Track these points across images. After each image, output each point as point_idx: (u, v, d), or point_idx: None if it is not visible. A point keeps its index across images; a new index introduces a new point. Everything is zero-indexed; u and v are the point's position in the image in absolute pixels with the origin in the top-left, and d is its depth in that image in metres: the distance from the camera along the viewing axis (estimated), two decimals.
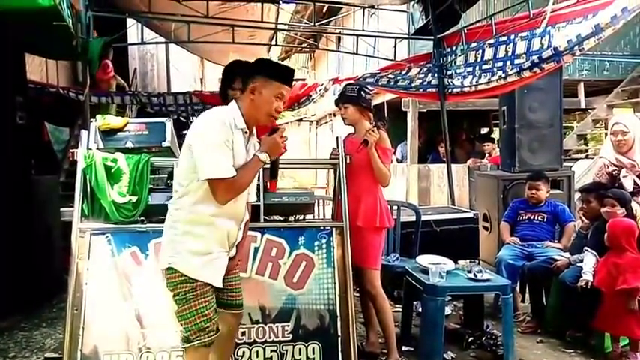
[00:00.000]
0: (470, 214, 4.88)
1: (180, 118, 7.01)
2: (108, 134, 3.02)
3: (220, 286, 2.20)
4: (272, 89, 2.12)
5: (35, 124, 5.44)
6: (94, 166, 2.76)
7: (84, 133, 2.90)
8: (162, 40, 7.24)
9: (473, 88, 5.02)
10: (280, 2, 6.02)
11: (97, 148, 2.86)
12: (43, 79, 6.49)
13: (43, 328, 3.91)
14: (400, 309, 3.80)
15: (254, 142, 2.26)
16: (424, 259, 3.42)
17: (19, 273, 4.16)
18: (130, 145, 3.00)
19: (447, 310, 3.90)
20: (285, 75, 2.19)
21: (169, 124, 3.11)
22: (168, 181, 2.88)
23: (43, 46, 4.60)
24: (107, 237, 2.73)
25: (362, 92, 3.24)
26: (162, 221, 2.71)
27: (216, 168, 2.04)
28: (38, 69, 6.46)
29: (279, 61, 6.73)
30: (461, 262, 3.45)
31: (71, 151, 2.99)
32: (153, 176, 3.00)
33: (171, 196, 2.72)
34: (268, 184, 2.56)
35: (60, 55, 5.67)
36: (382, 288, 3.21)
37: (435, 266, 3.22)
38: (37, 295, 4.32)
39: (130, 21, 6.34)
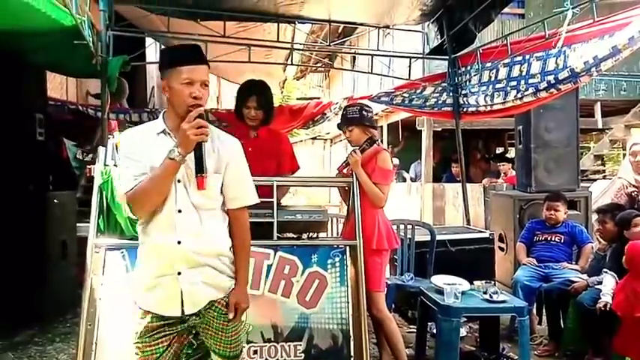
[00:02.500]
0: (485, 234, 4.82)
1: None
2: None
3: (165, 313, 1.88)
4: (177, 77, 1.83)
5: (54, 141, 5.55)
6: (111, 182, 2.79)
7: (101, 149, 2.94)
8: None
9: (488, 108, 5.00)
10: (296, 22, 6.09)
11: (114, 165, 2.90)
12: (62, 97, 6.63)
13: (56, 343, 3.92)
14: (414, 330, 3.75)
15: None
16: (439, 280, 3.38)
17: (34, 287, 4.19)
18: None
19: (463, 331, 3.83)
20: (181, 56, 1.88)
21: None
22: None
23: (63, 65, 4.70)
24: (122, 252, 2.75)
25: (364, 112, 3.25)
26: None
27: (121, 182, 1.93)
28: (58, 86, 6.61)
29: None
30: (476, 282, 3.40)
31: (88, 167, 3.04)
32: None
33: None
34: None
35: (80, 74, 5.78)
36: (396, 308, 3.17)
37: (450, 287, 3.18)
38: (51, 310, 4.35)
39: (149, 40, 6.47)
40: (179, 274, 1.87)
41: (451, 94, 5.69)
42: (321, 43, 7.64)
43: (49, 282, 4.36)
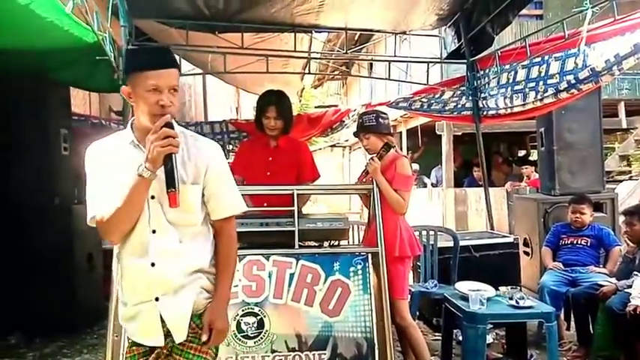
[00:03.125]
0: (510, 239, 4.75)
1: None
2: None
3: (147, 343, 1.74)
4: (142, 83, 1.62)
5: (79, 155, 5.66)
6: None
7: None
8: (199, 71, 7.46)
9: (508, 111, 4.95)
10: (313, 32, 6.13)
11: None
12: (86, 112, 6.77)
13: (84, 354, 3.98)
14: (439, 338, 3.71)
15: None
16: (463, 286, 3.34)
17: (62, 300, 4.27)
18: None
19: (489, 338, 3.77)
20: (147, 59, 1.69)
21: None
22: None
23: (86, 81, 4.81)
24: None
25: (380, 119, 3.24)
26: None
27: (88, 205, 1.69)
28: (82, 102, 6.75)
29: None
30: (501, 288, 3.35)
31: None
32: None
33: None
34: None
35: (102, 89, 5.90)
36: (420, 316, 3.15)
37: (475, 293, 3.14)
38: (79, 321, 4.42)
39: None
40: (157, 299, 1.69)
41: (470, 97, 5.64)
42: (337, 51, 7.67)
43: (77, 294, 4.44)
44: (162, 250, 1.69)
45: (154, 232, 1.69)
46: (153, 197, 1.68)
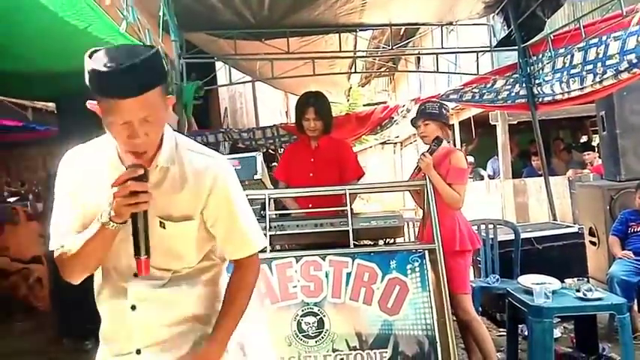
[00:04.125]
0: (574, 229, 4.57)
1: (269, 150, 7.30)
2: None
3: None
4: (108, 111, 1.23)
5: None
6: None
7: None
8: (249, 78, 7.62)
9: (565, 96, 4.76)
10: (357, 30, 6.13)
11: None
12: None
13: None
14: (504, 333, 3.62)
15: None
16: (527, 280, 3.24)
17: None
18: None
19: (557, 332, 3.65)
20: (105, 83, 1.20)
21: (260, 158, 3.26)
22: (262, 212, 2.99)
23: None
24: None
25: (443, 109, 3.24)
26: (260, 250, 2.85)
27: (51, 234, 1.38)
28: None
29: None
30: (567, 280, 3.23)
31: None
32: None
33: (266, 227, 2.86)
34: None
35: None
36: (483, 311, 3.09)
37: (540, 286, 3.04)
38: None
39: (219, 64, 6.76)
40: (138, 352, 1.39)
41: (524, 84, 5.46)
42: (383, 47, 7.62)
43: None
44: (144, 293, 1.36)
45: (135, 275, 1.36)
46: None
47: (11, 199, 7.59)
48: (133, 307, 1.37)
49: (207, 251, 1.44)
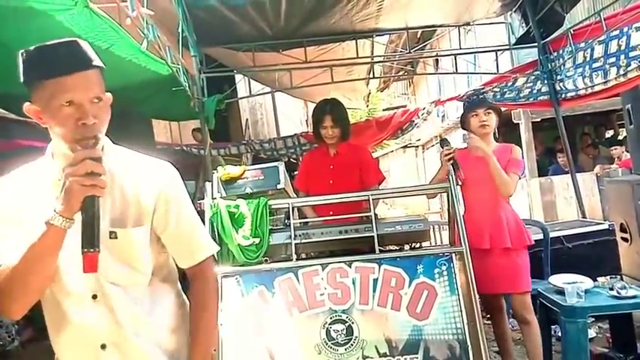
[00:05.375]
0: (604, 226, 4.46)
1: (291, 159, 7.34)
2: (228, 183, 3.24)
3: None
4: (48, 98, 1.17)
5: None
6: (220, 213, 2.97)
7: (208, 184, 3.15)
8: (268, 89, 7.69)
9: (589, 90, 4.67)
10: (374, 36, 6.14)
11: (221, 197, 3.09)
12: (168, 140, 7.20)
13: None
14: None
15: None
16: (558, 279, 3.17)
17: None
18: (249, 190, 3.19)
19: (591, 332, 3.56)
20: (45, 63, 1.15)
21: (282, 167, 3.28)
22: (286, 221, 3.01)
23: (166, 111, 5.13)
24: (236, 278, 2.89)
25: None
26: (285, 259, 2.88)
27: None
28: (163, 130, 7.19)
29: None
30: (600, 279, 3.15)
31: (198, 202, 3.25)
32: (272, 217, 3.15)
33: (290, 236, 2.88)
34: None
35: (180, 117, 6.26)
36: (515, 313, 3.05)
37: (571, 286, 2.98)
38: None
39: (238, 76, 6.85)
40: None
41: (546, 81, 5.40)
42: (400, 51, 7.61)
43: None
44: (111, 325, 1.28)
45: (94, 297, 1.27)
46: None
47: None
48: (103, 346, 1.29)
49: (160, 266, 1.38)
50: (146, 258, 1.33)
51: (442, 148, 3.02)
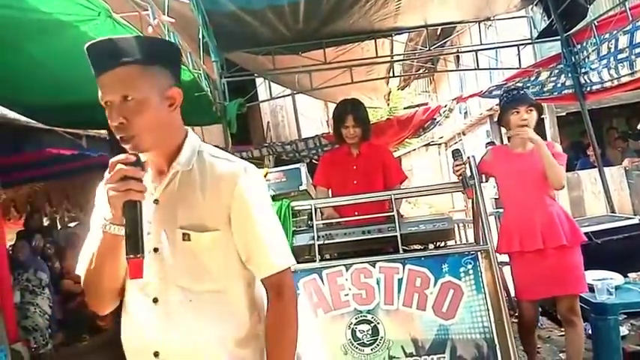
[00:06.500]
0: (635, 220, 4.35)
1: (313, 160, 7.36)
2: None
3: None
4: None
5: None
6: None
7: None
8: (289, 91, 7.73)
9: (615, 82, 4.58)
10: (393, 35, 6.12)
11: None
12: None
13: None
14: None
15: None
16: (587, 276, 3.11)
17: None
18: (271, 192, 3.20)
19: (624, 330, 3.47)
20: (91, 60, 1.20)
21: (303, 169, 3.30)
22: (309, 222, 3.03)
23: (188, 117, 5.19)
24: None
25: None
26: (309, 260, 2.89)
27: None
28: None
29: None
30: (631, 275, 3.09)
31: None
32: (295, 219, 3.17)
33: (313, 237, 2.89)
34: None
35: (203, 122, 6.33)
36: (544, 311, 3.00)
37: (601, 282, 2.93)
38: None
39: (259, 79, 6.91)
40: None
41: (570, 74, 5.30)
42: (420, 49, 7.56)
43: None
44: (170, 330, 1.23)
45: (155, 301, 1.24)
46: (156, 250, 1.25)
47: (72, 225, 7.99)
48: (156, 354, 1.24)
49: (237, 273, 1.29)
50: (219, 264, 1.26)
51: (454, 159, 2.89)
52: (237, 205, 1.25)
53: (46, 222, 7.53)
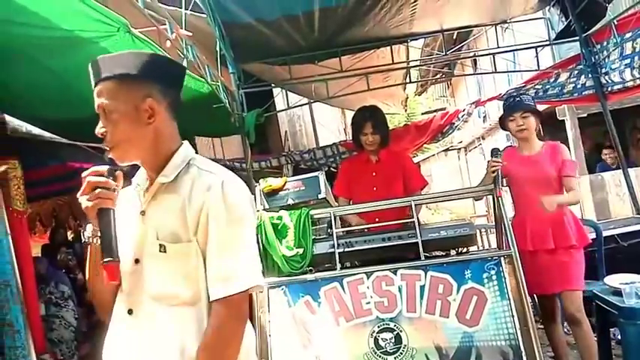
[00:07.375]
0: None
1: (331, 168, 7.37)
2: (270, 195, 3.28)
3: None
4: None
5: None
6: (264, 225, 3.01)
7: (251, 197, 3.20)
8: (306, 100, 7.77)
9: (637, 82, 4.49)
10: (409, 40, 6.11)
11: (264, 209, 3.13)
12: (211, 155, 7.37)
13: None
14: (595, 339, 3.40)
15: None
16: (614, 280, 3.04)
17: None
18: (290, 201, 3.21)
19: None
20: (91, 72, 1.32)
21: (322, 177, 3.30)
22: (329, 230, 3.02)
23: (208, 128, 5.25)
24: (282, 289, 2.92)
25: (534, 101, 3.16)
26: (329, 269, 2.88)
27: None
28: (206, 147, 7.37)
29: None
30: None
31: None
32: (314, 227, 3.17)
33: (333, 245, 2.88)
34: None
35: (222, 133, 6.40)
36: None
37: (629, 286, 2.84)
38: None
39: (276, 90, 6.96)
40: None
41: (590, 75, 5.22)
42: (437, 54, 7.54)
43: None
44: (142, 343, 1.24)
45: (129, 312, 1.27)
46: (137, 261, 1.27)
47: None
48: None
49: (203, 285, 1.25)
50: (192, 277, 1.24)
51: (492, 157, 2.93)
52: (203, 217, 1.23)
53: (70, 236, 7.66)
